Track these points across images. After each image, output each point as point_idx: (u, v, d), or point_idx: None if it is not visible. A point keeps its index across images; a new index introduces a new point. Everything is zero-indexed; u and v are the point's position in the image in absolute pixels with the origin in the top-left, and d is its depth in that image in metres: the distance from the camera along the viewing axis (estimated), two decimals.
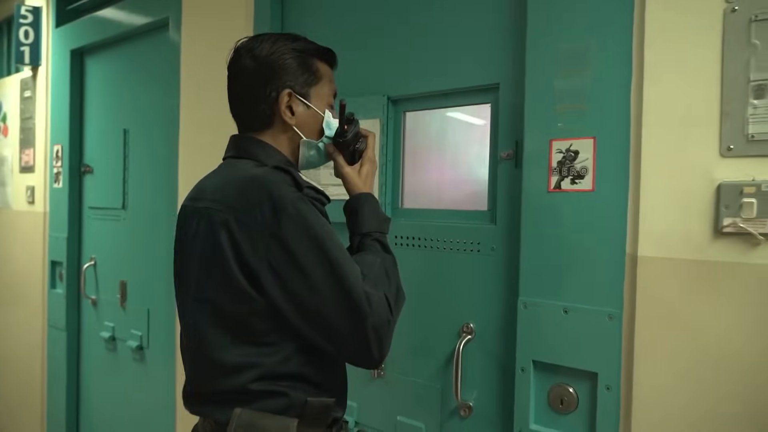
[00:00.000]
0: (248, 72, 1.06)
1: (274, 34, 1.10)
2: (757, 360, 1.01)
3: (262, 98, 1.05)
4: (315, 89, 1.09)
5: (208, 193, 1.03)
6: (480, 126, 1.52)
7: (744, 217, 1.01)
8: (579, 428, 1.24)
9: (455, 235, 1.47)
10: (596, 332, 1.19)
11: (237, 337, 0.98)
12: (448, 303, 1.49)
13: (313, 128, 1.10)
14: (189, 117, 2.14)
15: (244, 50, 1.07)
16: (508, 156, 1.38)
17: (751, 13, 1.02)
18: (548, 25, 1.26)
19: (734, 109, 1.03)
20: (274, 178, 0.96)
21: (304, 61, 1.07)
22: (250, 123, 1.10)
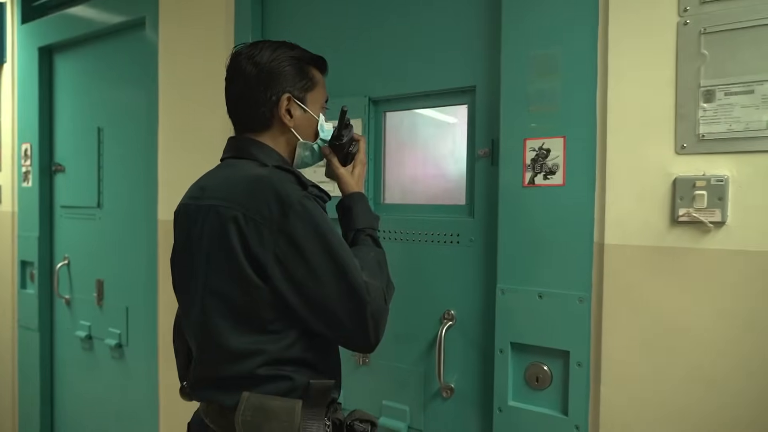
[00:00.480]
0: (249, 77, 1.12)
1: (272, 41, 1.16)
2: (709, 332, 1.14)
3: (262, 101, 1.12)
4: (311, 94, 1.17)
5: (213, 192, 1.09)
6: (456, 124, 1.62)
7: (696, 207, 1.14)
8: (553, 402, 1.36)
9: (435, 228, 1.57)
10: (568, 314, 1.31)
11: (244, 326, 1.04)
12: (429, 292, 1.59)
13: (308, 131, 1.18)
14: (168, 117, 2.17)
15: (245, 56, 1.13)
16: (484, 154, 1.48)
17: (700, 26, 1.14)
18: (521, 34, 1.37)
19: (687, 111, 1.16)
20: (279, 177, 1.04)
21: (301, 68, 1.15)
22: (249, 124, 1.16)
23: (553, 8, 1.32)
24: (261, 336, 1.04)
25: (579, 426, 1.30)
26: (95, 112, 2.55)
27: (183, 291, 1.16)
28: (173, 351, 1.28)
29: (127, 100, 2.39)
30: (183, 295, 1.16)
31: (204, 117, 2.05)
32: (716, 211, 1.13)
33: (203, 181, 1.17)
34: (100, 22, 2.43)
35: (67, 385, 2.76)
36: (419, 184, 1.71)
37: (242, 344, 1.04)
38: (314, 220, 1.00)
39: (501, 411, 1.41)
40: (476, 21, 1.50)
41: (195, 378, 1.14)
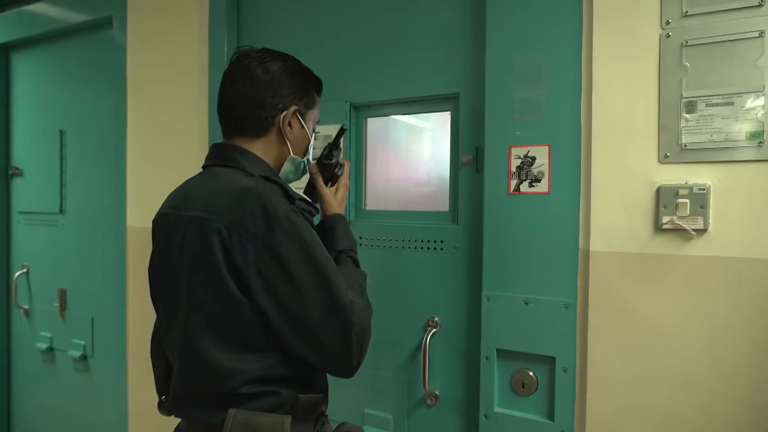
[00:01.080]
0: (258, 80, 1.08)
1: (279, 52, 1.14)
2: (691, 336, 1.17)
3: (267, 106, 1.08)
4: (310, 113, 1.16)
5: (196, 202, 1.04)
6: (437, 130, 1.62)
7: (679, 215, 1.17)
8: (539, 407, 1.37)
9: (418, 234, 1.57)
10: (554, 320, 1.33)
11: (227, 342, 1.00)
12: (413, 299, 1.58)
13: (300, 147, 1.16)
14: (137, 121, 2.09)
15: (255, 59, 1.10)
16: (468, 161, 1.49)
17: (682, 39, 1.18)
18: (505, 42, 1.38)
19: (670, 122, 1.19)
20: (266, 189, 1.00)
21: (306, 86, 1.15)
22: (243, 128, 1.10)
23: (537, 17, 1.34)
24: (244, 354, 1.00)
25: (565, 431, 1.32)
26: (57, 113, 2.44)
27: (163, 303, 1.12)
28: (150, 364, 1.23)
29: (93, 103, 2.30)
30: (163, 308, 1.12)
31: (176, 121, 1.99)
32: (698, 219, 1.16)
33: (184, 189, 1.12)
34: (63, 21, 2.33)
35: (25, 399, 2.63)
36: (401, 191, 1.70)
37: (226, 362, 0.99)
38: (300, 235, 0.97)
39: (487, 418, 1.41)
40: (460, 28, 1.51)
41: (176, 394, 1.10)
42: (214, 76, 1.88)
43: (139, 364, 2.09)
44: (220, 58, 1.87)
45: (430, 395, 1.54)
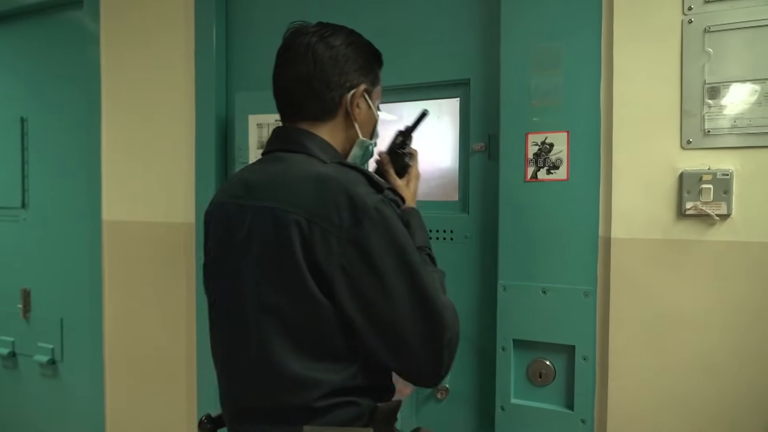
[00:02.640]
0: (322, 57, 0.97)
1: (338, 25, 1.02)
2: (714, 323, 1.18)
3: (334, 86, 0.98)
4: (375, 90, 1.05)
5: (263, 191, 0.93)
6: (443, 119, 1.58)
7: (703, 200, 1.17)
8: (557, 397, 1.36)
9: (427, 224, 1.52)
10: (573, 309, 1.31)
11: (304, 349, 0.89)
12: None
13: (367, 129, 1.06)
14: (113, 108, 1.95)
15: (315, 35, 0.98)
16: (480, 148, 1.45)
17: (704, 24, 1.18)
18: (521, 26, 1.35)
19: (692, 107, 1.19)
20: (349, 178, 0.89)
21: (371, 62, 1.04)
22: (308, 111, 0.99)
23: (555, 1, 1.32)
24: (324, 362, 0.89)
25: (585, 420, 1.31)
26: (17, 100, 2.26)
27: (223, 306, 0.99)
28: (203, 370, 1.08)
29: (59, 89, 2.13)
30: (223, 312, 0.99)
31: (158, 108, 1.87)
32: (722, 204, 1.17)
33: (245, 177, 0.99)
34: None
35: None
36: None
37: (304, 371, 0.88)
38: (392, 231, 0.86)
39: (504, 409, 1.39)
40: (471, 11, 1.47)
41: (236, 410, 0.98)
42: (201, 60, 1.78)
43: (118, 369, 1.97)
44: (207, 41, 1.77)
45: (440, 389, 1.50)
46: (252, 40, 1.78)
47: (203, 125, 1.79)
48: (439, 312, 0.87)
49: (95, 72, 1.97)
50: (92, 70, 1.98)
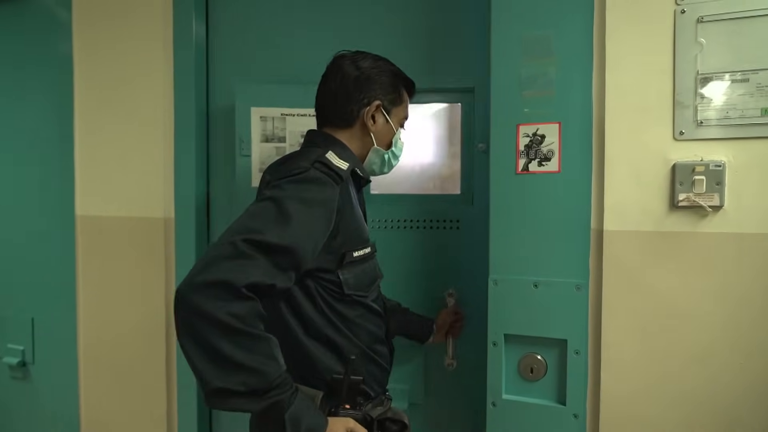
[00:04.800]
0: (348, 76, 1.19)
1: (373, 54, 1.25)
2: (707, 313, 1.18)
3: (354, 101, 1.19)
4: (396, 109, 1.25)
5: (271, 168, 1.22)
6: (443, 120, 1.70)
7: (696, 192, 1.17)
8: (549, 392, 1.34)
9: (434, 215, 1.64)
10: (565, 302, 1.30)
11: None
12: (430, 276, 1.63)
13: (385, 140, 1.24)
14: (87, 95, 1.86)
15: (349, 59, 1.22)
16: (482, 148, 1.55)
17: (697, 14, 1.17)
18: (512, 13, 1.33)
19: (685, 98, 1.18)
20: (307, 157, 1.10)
21: (395, 84, 1.24)
22: (333, 119, 1.22)
23: None
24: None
25: (578, 414, 1.29)
26: None
27: None
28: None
29: (29, 79, 2.03)
30: None
31: (134, 99, 1.79)
32: (714, 196, 1.16)
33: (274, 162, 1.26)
34: None
35: None
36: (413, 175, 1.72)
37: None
38: (284, 193, 1.00)
39: (495, 405, 1.37)
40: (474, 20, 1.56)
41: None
42: (180, 49, 1.71)
43: (94, 372, 1.89)
44: (186, 28, 1.70)
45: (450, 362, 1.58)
46: (236, 26, 1.73)
47: (183, 116, 1.72)
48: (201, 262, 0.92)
49: (67, 61, 1.88)
50: (63, 58, 1.89)
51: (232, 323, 0.87)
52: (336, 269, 1.09)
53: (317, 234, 1.01)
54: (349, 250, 1.10)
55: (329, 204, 1.03)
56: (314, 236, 1.00)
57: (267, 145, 1.62)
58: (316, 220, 1.00)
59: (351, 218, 1.10)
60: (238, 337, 0.87)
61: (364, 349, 1.15)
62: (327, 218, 1.02)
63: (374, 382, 1.19)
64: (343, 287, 1.10)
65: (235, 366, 0.87)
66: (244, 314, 0.88)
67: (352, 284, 1.11)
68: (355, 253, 1.11)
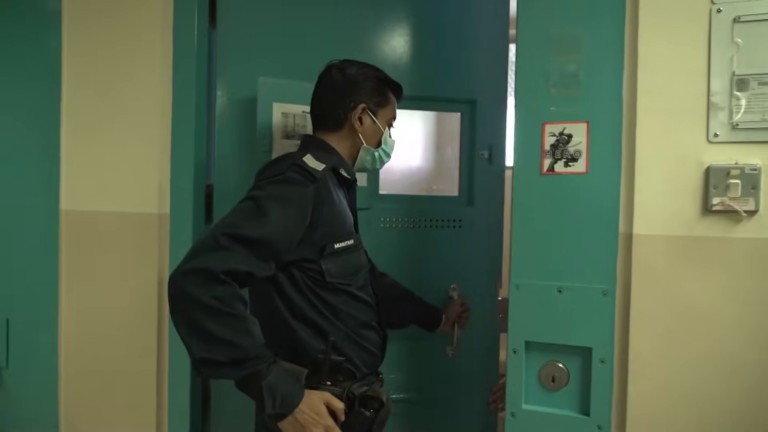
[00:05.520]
0: (336, 82, 1.31)
1: (360, 61, 1.35)
2: (739, 322, 1.14)
3: (341, 104, 1.30)
4: (382, 110, 1.34)
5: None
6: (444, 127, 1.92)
7: (730, 196, 1.13)
8: (571, 402, 1.29)
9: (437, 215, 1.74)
10: (590, 309, 1.25)
11: None
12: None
13: (373, 139, 1.34)
14: (76, 82, 1.75)
15: (336, 67, 1.33)
16: (483, 155, 1.73)
17: (734, 14, 1.14)
18: (539, 9, 1.28)
19: (720, 99, 1.15)
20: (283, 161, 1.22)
21: (381, 88, 1.33)
22: (324, 123, 1.32)
23: None
24: None
25: (602, 426, 1.24)
26: None
27: None
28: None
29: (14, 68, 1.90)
30: None
31: (129, 90, 1.69)
32: (750, 200, 1.13)
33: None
34: None
35: None
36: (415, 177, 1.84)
37: None
38: (263, 192, 1.13)
39: (514, 416, 1.31)
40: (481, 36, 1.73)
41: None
42: (180, 38, 1.62)
43: (76, 379, 1.76)
44: (187, 15, 1.61)
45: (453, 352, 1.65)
46: (243, 15, 1.65)
47: (181, 108, 1.63)
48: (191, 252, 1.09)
49: (56, 49, 1.77)
50: (52, 47, 1.77)
51: (214, 304, 1.03)
52: (318, 259, 1.20)
53: (291, 228, 1.14)
54: (330, 242, 1.20)
55: (303, 202, 1.15)
56: (289, 231, 1.13)
57: (287, 141, 1.57)
58: (290, 217, 1.13)
59: (331, 213, 1.21)
60: (219, 316, 1.04)
61: (347, 333, 1.25)
62: (301, 214, 1.15)
63: (361, 364, 1.26)
64: (325, 275, 1.20)
65: (217, 340, 1.03)
66: (223, 296, 1.04)
67: (333, 273, 1.21)
68: (337, 245, 1.21)
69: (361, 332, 1.28)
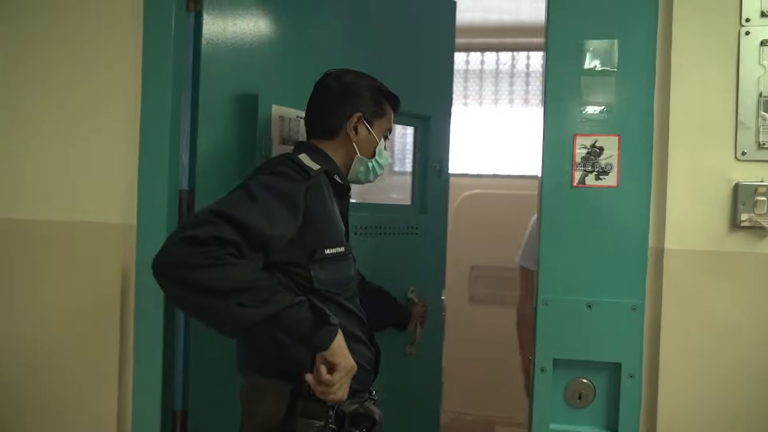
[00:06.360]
0: (332, 91, 1.27)
1: (357, 71, 1.31)
2: (766, 336, 1.18)
3: (337, 114, 1.26)
4: (378, 121, 1.31)
5: None
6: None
7: (757, 212, 1.17)
8: (598, 419, 1.27)
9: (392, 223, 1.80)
10: (619, 324, 1.24)
11: None
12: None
13: (368, 149, 1.30)
14: (15, 80, 1.46)
15: (333, 75, 1.29)
16: (435, 167, 1.87)
17: (761, 37, 1.18)
18: (570, 19, 1.26)
19: (747, 119, 1.19)
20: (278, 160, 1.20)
21: (377, 98, 1.30)
22: (318, 130, 1.29)
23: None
24: None
25: None
26: None
27: None
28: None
29: None
30: None
31: (86, 78, 1.44)
32: None
33: None
34: None
35: None
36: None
37: None
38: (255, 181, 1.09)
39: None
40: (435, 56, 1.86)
41: None
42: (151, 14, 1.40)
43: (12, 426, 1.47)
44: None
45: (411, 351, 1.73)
46: None
47: (153, 103, 1.39)
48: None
49: None
50: None
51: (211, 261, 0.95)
52: (307, 264, 1.14)
53: (280, 220, 1.07)
54: (321, 247, 1.15)
55: (294, 195, 1.10)
56: (276, 221, 1.06)
57: (285, 147, 1.43)
58: (279, 208, 1.07)
59: (323, 217, 1.16)
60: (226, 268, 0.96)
61: None
62: (291, 208, 1.09)
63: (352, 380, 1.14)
64: (313, 281, 1.14)
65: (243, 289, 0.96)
66: (218, 254, 0.96)
67: (322, 280, 1.15)
68: (327, 251, 1.16)
69: (351, 346, 1.17)
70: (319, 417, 1.08)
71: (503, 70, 3.53)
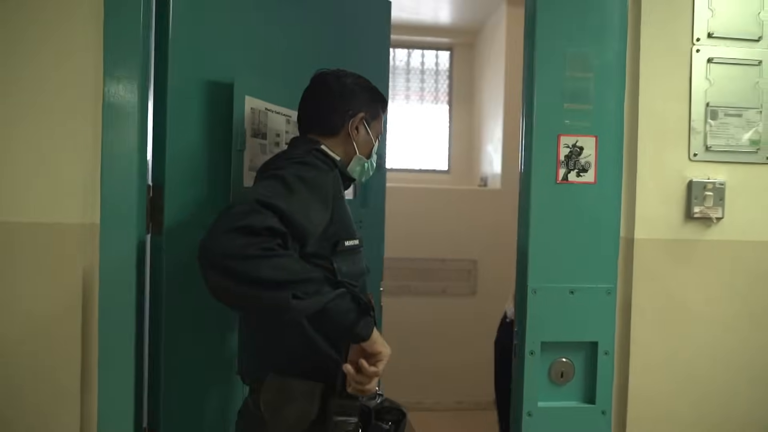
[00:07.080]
0: (333, 89, 1.25)
1: (352, 72, 1.30)
2: (715, 312, 1.39)
3: (339, 112, 1.24)
4: (374, 122, 1.31)
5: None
6: None
7: (706, 205, 1.37)
8: (578, 393, 1.41)
9: None
10: (596, 306, 1.38)
11: None
12: None
13: (365, 149, 1.29)
14: None
15: (331, 74, 1.27)
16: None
17: (708, 55, 1.38)
18: (555, 31, 1.35)
19: (698, 125, 1.38)
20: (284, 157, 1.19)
21: (374, 100, 1.30)
22: (317, 128, 1.25)
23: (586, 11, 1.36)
24: None
25: (605, 411, 1.38)
26: None
27: None
28: None
29: None
30: None
31: (38, 59, 1.24)
32: (719, 209, 1.38)
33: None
34: None
35: None
36: None
37: None
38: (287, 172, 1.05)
39: (531, 415, 1.37)
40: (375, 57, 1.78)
41: None
42: None
43: None
44: None
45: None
46: None
47: (116, 89, 1.24)
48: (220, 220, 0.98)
49: None
50: None
51: (271, 253, 0.92)
52: (330, 256, 1.12)
53: (314, 211, 1.06)
54: (342, 238, 1.14)
55: (325, 187, 1.10)
56: (311, 215, 1.05)
57: (255, 140, 1.34)
58: (314, 201, 1.06)
59: (342, 209, 1.15)
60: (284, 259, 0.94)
61: None
62: (324, 201, 1.09)
63: None
64: (336, 274, 1.11)
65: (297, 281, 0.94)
66: (272, 245, 0.93)
67: (344, 272, 1.14)
68: (347, 243, 1.16)
69: None
70: (353, 413, 1.06)
71: (414, 68, 3.64)
